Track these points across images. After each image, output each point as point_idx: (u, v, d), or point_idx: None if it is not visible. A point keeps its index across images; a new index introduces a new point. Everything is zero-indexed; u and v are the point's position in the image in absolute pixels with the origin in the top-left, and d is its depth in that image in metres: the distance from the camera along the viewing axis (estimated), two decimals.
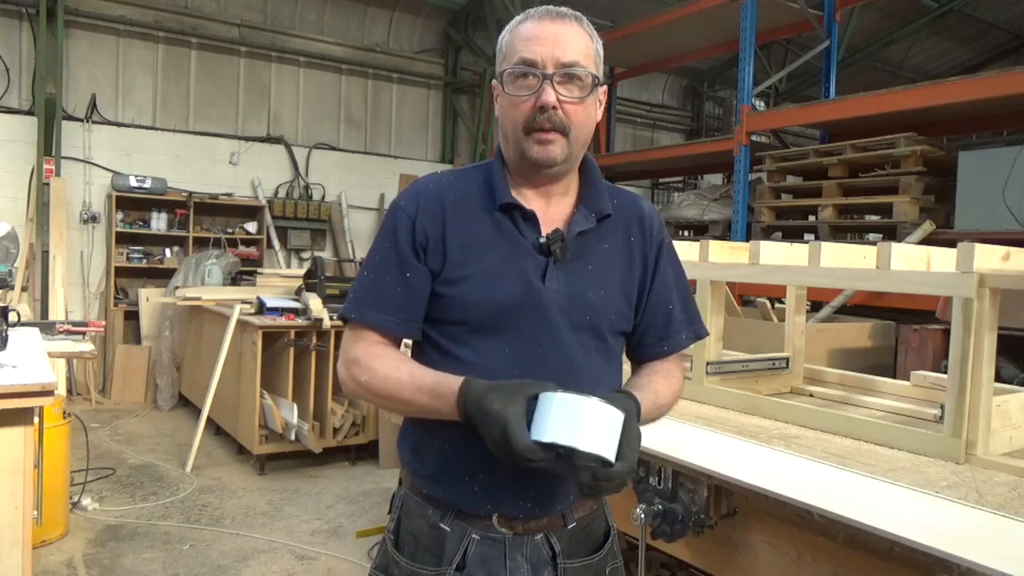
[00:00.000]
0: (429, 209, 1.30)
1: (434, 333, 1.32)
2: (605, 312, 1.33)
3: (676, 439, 1.94)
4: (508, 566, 1.28)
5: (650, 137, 11.55)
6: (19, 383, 2.10)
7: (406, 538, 1.33)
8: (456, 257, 1.28)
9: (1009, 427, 1.90)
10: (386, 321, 1.30)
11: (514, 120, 1.27)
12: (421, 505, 1.33)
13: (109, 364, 7.31)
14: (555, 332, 1.28)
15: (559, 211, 1.34)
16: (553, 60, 1.24)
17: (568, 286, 1.29)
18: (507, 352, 1.27)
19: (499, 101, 1.31)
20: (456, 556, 1.28)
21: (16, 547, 2.11)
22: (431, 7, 9.26)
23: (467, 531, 1.29)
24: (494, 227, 1.30)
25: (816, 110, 6.74)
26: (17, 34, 7.28)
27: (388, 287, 1.30)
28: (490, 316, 1.27)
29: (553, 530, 1.31)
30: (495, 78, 1.32)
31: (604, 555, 1.37)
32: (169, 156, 7.95)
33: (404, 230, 1.30)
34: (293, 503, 4.59)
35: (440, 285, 1.29)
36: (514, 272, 1.28)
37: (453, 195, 1.32)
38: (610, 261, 1.35)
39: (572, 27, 1.27)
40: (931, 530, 1.32)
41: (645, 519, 1.73)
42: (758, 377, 2.57)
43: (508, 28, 1.31)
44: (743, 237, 6.54)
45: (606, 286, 1.33)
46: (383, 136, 9.37)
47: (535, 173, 1.31)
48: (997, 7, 10.80)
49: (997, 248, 1.93)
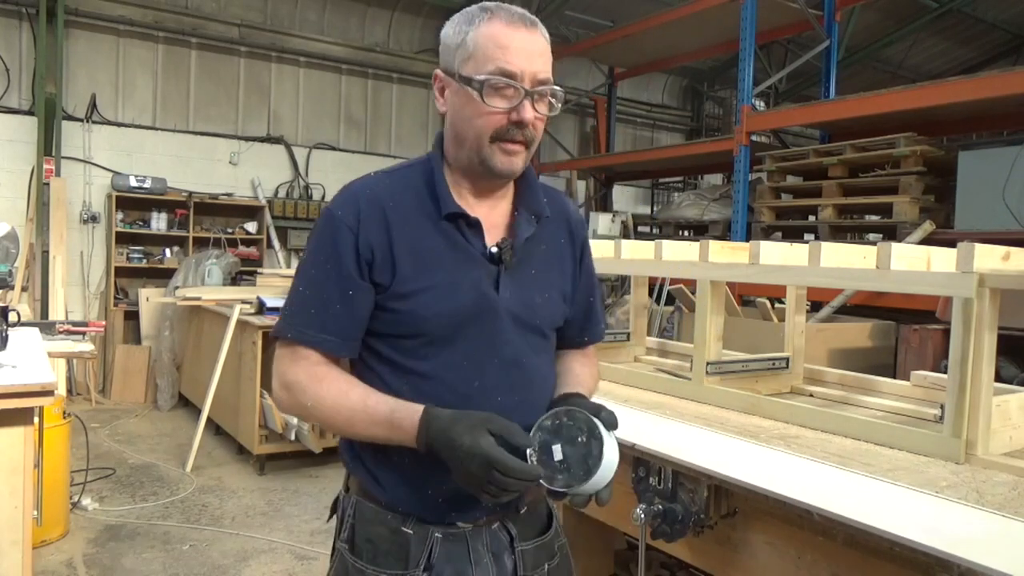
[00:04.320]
0: (371, 220, 1.25)
1: (383, 347, 1.29)
2: (549, 314, 1.37)
3: (676, 439, 1.94)
4: (472, 558, 1.29)
5: (650, 137, 11.55)
6: (19, 383, 2.09)
7: (363, 544, 1.31)
8: (407, 271, 1.25)
9: (1009, 427, 1.90)
10: (327, 341, 1.25)
11: (480, 128, 1.24)
12: (379, 512, 1.31)
13: (109, 364, 7.32)
14: (507, 337, 1.30)
15: (499, 214, 1.35)
16: (531, 76, 1.23)
17: (517, 293, 1.31)
18: (462, 362, 1.27)
19: (457, 99, 1.26)
20: (422, 558, 1.27)
21: (16, 547, 2.11)
22: (431, 7, 9.26)
23: (429, 531, 1.29)
24: (441, 237, 1.27)
25: (816, 110, 6.75)
26: (17, 34, 7.28)
27: (328, 304, 1.25)
28: (445, 328, 1.26)
29: (507, 517, 1.34)
30: (450, 74, 1.26)
31: (553, 534, 1.42)
32: (169, 156, 7.95)
33: (346, 244, 1.24)
34: (293, 503, 4.59)
35: (390, 300, 1.25)
36: (467, 283, 1.27)
37: (393, 202, 1.27)
38: (549, 263, 1.38)
39: (540, 38, 1.26)
40: (931, 530, 1.32)
41: (645, 519, 1.72)
42: (758, 377, 2.57)
43: (475, 23, 1.24)
44: (743, 237, 6.54)
45: (549, 289, 1.37)
46: (383, 136, 9.37)
47: (487, 180, 1.30)
48: (997, 7, 10.80)
49: (997, 248, 1.92)
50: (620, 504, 1.94)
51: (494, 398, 1.27)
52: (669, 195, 11.27)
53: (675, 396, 2.49)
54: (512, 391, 1.30)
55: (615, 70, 10.01)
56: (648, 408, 2.30)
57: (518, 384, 1.30)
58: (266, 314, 5.26)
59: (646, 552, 1.82)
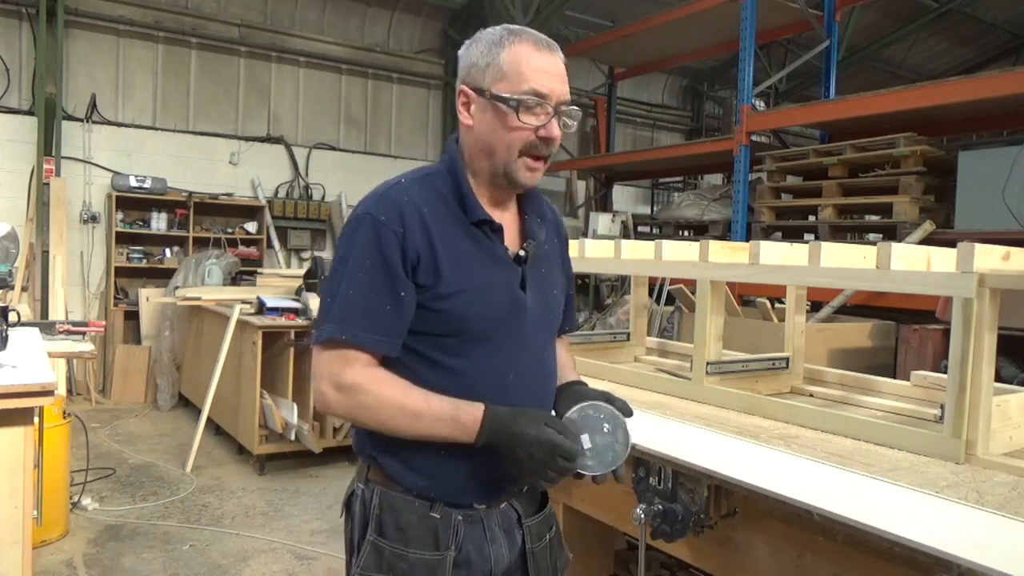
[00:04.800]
0: (414, 225, 1.32)
1: (422, 346, 1.35)
2: (558, 309, 1.52)
3: (676, 439, 1.94)
4: (488, 536, 1.42)
5: (650, 137, 11.55)
6: (19, 383, 2.09)
7: (393, 533, 1.37)
8: (449, 272, 1.33)
9: (1009, 427, 1.90)
10: (380, 342, 1.31)
11: (511, 142, 1.34)
12: (406, 499, 1.38)
13: (109, 364, 7.32)
14: (532, 333, 1.42)
15: (509, 219, 1.46)
16: (559, 97, 1.35)
17: (538, 291, 1.44)
18: (498, 357, 1.38)
19: (487, 115, 1.35)
20: (451, 540, 1.38)
21: (16, 547, 2.11)
22: (431, 7, 9.26)
23: (452, 514, 1.39)
24: (472, 241, 1.37)
25: (816, 110, 6.74)
26: (17, 34, 7.28)
27: (378, 306, 1.30)
28: (484, 326, 1.36)
29: (513, 497, 1.47)
30: (480, 92, 1.35)
31: (548, 509, 1.56)
32: (169, 156, 7.95)
33: (392, 247, 1.30)
34: (293, 503, 4.59)
35: (434, 300, 1.33)
36: (500, 284, 1.38)
37: (428, 208, 1.35)
38: (551, 262, 1.52)
39: (560, 61, 1.38)
40: (931, 530, 1.32)
41: (645, 519, 1.72)
42: (758, 377, 2.57)
43: (505, 45, 1.34)
44: (743, 237, 6.54)
45: (555, 286, 1.51)
46: (383, 136, 9.37)
47: (506, 190, 1.42)
48: (997, 7, 10.80)
49: (997, 248, 1.92)
50: (620, 504, 1.94)
51: (525, 389, 1.39)
52: (669, 195, 11.26)
53: (675, 396, 2.49)
54: (538, 381, 1.44)
55: (615, 70, 10.00)
56: (648, 408, 2.29)
57: (542, 375, 1.45)
58: (266, 314, 5.26)
59: (646, 552, 1.82)
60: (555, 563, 1.54)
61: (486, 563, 1.41)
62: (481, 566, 1.40)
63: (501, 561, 1.43)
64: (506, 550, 1.44)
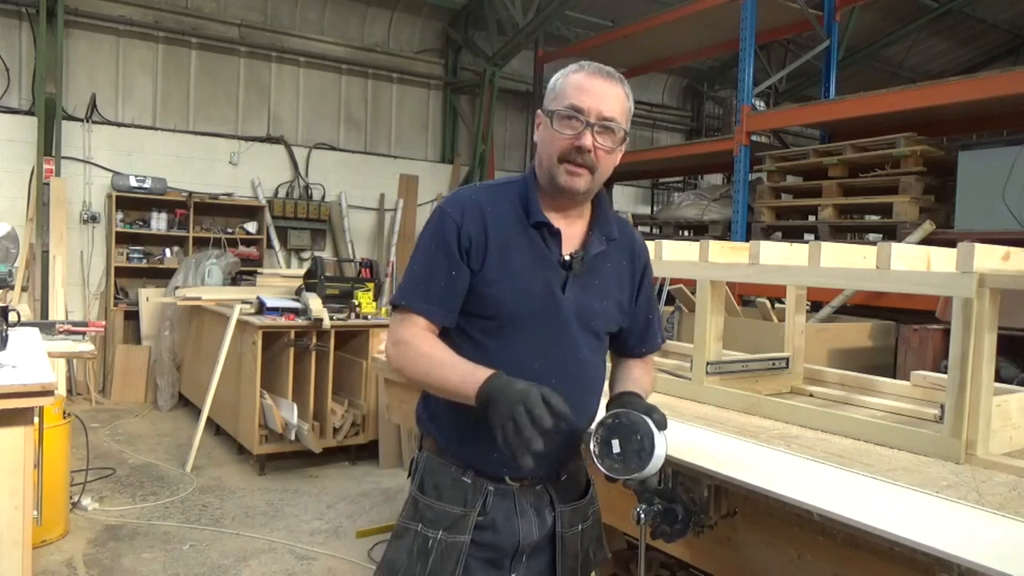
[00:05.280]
0: (472, 217, 1.54)
1: (466, 325, 1.56)
2: (605, 319, 1.63)
3: (676, 439, 1.94)
4: (518, 510, 1.57)
5: (650, 137, 11.55)
6: (19, 383, 2.09)
7: (431, 491, 1.59)
8: (495, 260, 1.53)
9: (1009, 427, 1.90)
10: (432, 311, 1.54)
11: (551, 151, 1.53)
12: (444, 464, 1.59)
13: (109, 364, 7.31)
14: (567, 332, 1.56)
15: (575, 231, 1.61)
16: (596, 112, 1.49)
17: (580, 297, 1.57)
18: (528, 345, 1.53)
19: (540, 130, 1.58)
20: (478, 503, 1.55)
21: (16, 547, 2.11)
22: (431, 7, 9.25)
23: (484, 484, 1.56)
24: (527, 240, 1.55)
25: (816, 110, 6.75)
26: (17, 34, 7.28)
27: (435, 281, 1.53)
28: (517, 314, 1.53)
29: (549, 482, 1.61)
30: (543, 112, 1.56)
31: (588, 500, 1.69)
32: (169, 156, 7.95)
33: (451, 233, 1.53)
34: (293, 503, 4.59)
35: (479, 284, 1.53)
36: (540, 281, 1.54)
37: (491, 207, 1.56)
38: (611, 278, 1.64)
39: (616, 87, 1.53)
40: (931, 530, 1.33)
41: (645, 519, 1.72)
42: (758, 377, 2.57)
43: (562, 72, 1.57)
44: (743, 237, 6.54)
45: (607, 298, 1.63)
46: (383, 136, 9.37)
47: (560, 196, 1.57)
48: (997, 7, 10.80)
49: (997, 248, 1.93)
50: (620, 504, 1.94)
51: (549, 380, 1.46)
52: (669, 195, 11.26)
53: (675, 396, 2.50)
54: (565, 377, 1.54)
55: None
56: None
57: (571, 372, 1.56)
58: (266, 314, 5.26)
59: (646, 552, 1.82)
60: (587, 553, 1.67)
61: (514, 534, 1.56)
62: (508, 534, 1.56)
63: (529, 536, 1.57)
64: (535, 528, 1.58)
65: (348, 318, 5.36)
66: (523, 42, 8.76)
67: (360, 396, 5.41)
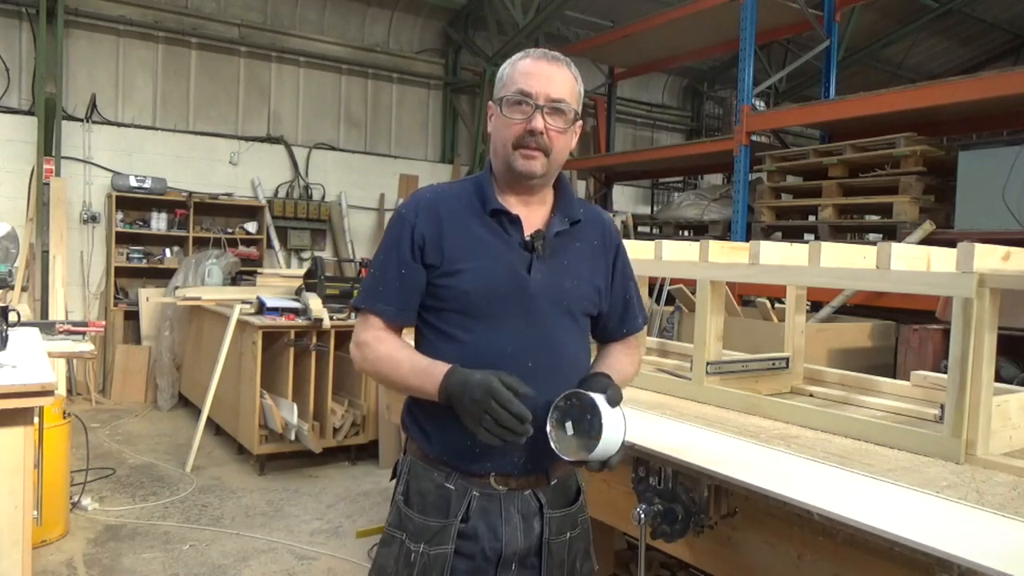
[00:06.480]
0: (426, 215, 1.55)
1: (434, 319, 1.56)
2: (578, 298, 1.60)
3: (676, 439, 1.94)
4: (503, 516, 1.53)
5: (650, 137, 11.55)
6: (19, 383, 2.09)
7: (415, 498, 1.56)
8: (453, 254, 1.53)
9: (1009, 427, 1.90)
10: (387, 310, 1.56)
11: (505, 137, 1.53)
12: (427, 469, 1.56)
13: (109, 364, 7.31)
14: (538, 314, 1.54)
15: (538, 216, 1.60)
16: (545, 95, 1.50)
17: (548, 276, 1.55)
18: (500, 331, 1.52)
19: (493, 121, 1.58)
20: (460, 510, 1.52)
21: (16, 547, 2.11)
22: (431, 7, 9.25)
23: (468, 489, 1.53)
24: (485, 229, 1.55)
25: (816, 110, 6.74)
26: (17, 34, 7.28)
27: (388, 281, 1.56)
28: (484, 302, 1.52)
29: (539, 487, 1.57)
30: (493, 101, 1.56)
31: (578, 507, 1.65)
32: (169, 156, 7.95)
33: (405, 233, 1.55)
34: (293, 503, 4.59)
35: (440, 278, 1.53)
36: (503, 265, 1.53)
37: (447, 204, 1.57)
38: (580, 257, 1.62)
39: (563, 69, 1.54)
40: (931, 530, 1.33)
41: (645, 519, 1.73)
42: (758, 377, 2.57)
43: (510, 62, 1.57)
44: (743, 237, 6.53)
45: (578, 277, 1.60)
46: (383, 136, 9.37)
47: (518, 183, 1.56)
48: (997, 7, 10.79)
49: (997, 248, 1.93)
50: (620, 504, 1.94)
51: (524, 362, 1.50)
52: (669, 195, 11.25)
53: (675, 396, 2.49)
54: (540, 359, 1.53)
55: (615, 70, 9.99)
56: (648, 408, 2.30)
57: (545, 353, 1.54)
58: (266, 314, 5.26)
59: (646, 552, 1.82)
60: (574, 564, 1.62)
61: (496, 541, 1.52)
62: (490, 542, 1.52)
63: (513, 543, 1.53)
64: (521, 534, 1.54)
65: (348, 318, 5.36)
66: (523, 42, 8.74)
67: (360, 396, 5.42)
